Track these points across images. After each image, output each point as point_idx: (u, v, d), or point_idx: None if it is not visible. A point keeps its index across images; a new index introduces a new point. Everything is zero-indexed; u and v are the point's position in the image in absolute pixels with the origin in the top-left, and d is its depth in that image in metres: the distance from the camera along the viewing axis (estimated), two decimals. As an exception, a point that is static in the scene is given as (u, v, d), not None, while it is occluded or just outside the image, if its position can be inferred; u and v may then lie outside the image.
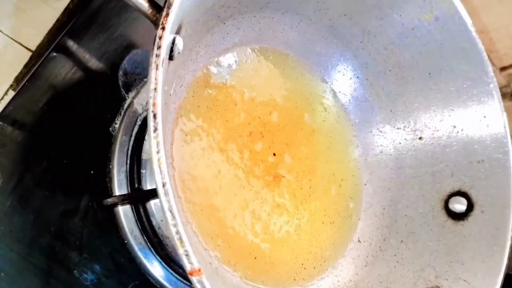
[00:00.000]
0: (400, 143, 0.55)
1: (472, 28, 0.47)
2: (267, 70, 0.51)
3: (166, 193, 0.27)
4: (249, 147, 0.48)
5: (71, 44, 0.50)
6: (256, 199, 0.47)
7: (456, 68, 0.49)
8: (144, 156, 0.50)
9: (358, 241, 0.53)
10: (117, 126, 0.51)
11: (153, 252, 0.47)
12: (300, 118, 0.53)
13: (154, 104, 0.28)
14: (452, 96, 0.50)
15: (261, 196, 0.48)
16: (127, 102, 0.52)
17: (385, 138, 0.56)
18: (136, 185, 0.49)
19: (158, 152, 0.27)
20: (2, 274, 0.42)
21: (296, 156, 0.52)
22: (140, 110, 0.51)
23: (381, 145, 0.56)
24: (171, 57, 0.32)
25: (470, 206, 0.48)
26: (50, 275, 0.45)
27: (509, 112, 0.48)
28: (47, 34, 0.49)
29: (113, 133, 0.50)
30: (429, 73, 0.51)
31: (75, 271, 0.46)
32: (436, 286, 0.46)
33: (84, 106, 0.50)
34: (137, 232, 0.47)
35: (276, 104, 0.51)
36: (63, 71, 0.49)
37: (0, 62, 0.47)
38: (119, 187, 0.48)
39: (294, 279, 0.48)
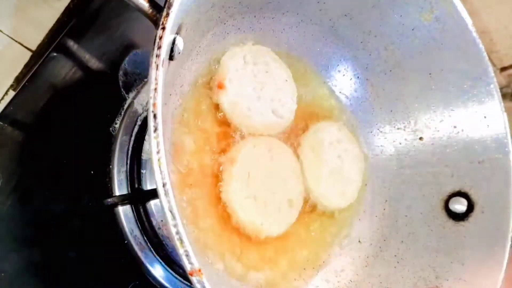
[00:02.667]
0: (400, 144, 0.55)
1: (472, 28, 0.47)
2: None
3: (166, 193, 0.27)
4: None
5: (71, 44, 0.50)
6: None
7: (456, 68, 0.49)
8: (144, 156, 0.50)
9: (359, 241, 0.53)
10: (117, 126, 0.51)
11: (153, 252, 0.47)
12: (300, 118, 0.53)
13: (154, 104, 0.28)
14: (452, 96, 0.50)
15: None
16: (127, 102, 0.52)
17: (386, 138, 0.56)
18: (136, 185, 0.49)
19: (158, 152, 0.27)
20: (2, 274, 0.42)
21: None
22: (140, 110, 0.51)
23: (381, 145, 0.56)
24: (171, 57, 0.32)
25: (471, 207, 0.48)
26: (50, 275, 0.45)
27: (510, 112, 0.48)
28: (47, 34, 0.49)
29: (113, 133, 0.50)
30: (430, 73, 0.51)
31: (75, 271, 0.46)
32: (437, 286, 0.46)
33: (84, 106, 0.50)
34: (137, 232, 0.47)
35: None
36: (63, 71, 0.49)
37: (0, 62, 0.47)
38: (119, 187, 0.48)
39: (295, 279, 0.48)
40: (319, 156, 0.50)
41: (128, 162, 0.49)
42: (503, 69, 0.69)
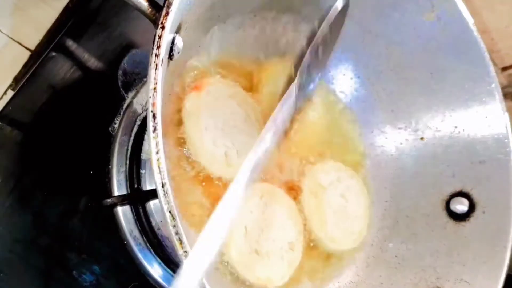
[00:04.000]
0: (401, 144, 0.55)
1: (473, 28, 0.47)
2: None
3: (165, 193, 0.27)
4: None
5: (70, 43, 0.50)
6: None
7: (457, 68, 0.49)
8: (143, 156, 0.50)
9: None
10: (116, 126, 0.50)
11: (153, 252, 0.47)
12: (301, 117, 0.53)
13: (153, 104, 0.28)
14: (453, 96, 0.50)
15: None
16: (127, 102, 0.52)
17: (386, 138, 0.56)
18: (136, 186, 0.49)
19: (157, 152, 0.27)
20: (2, 274, 0.42)
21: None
22: (139, 110, 0.51)
23: (382, 146, 0.56)
24: (170, 57, 0.32)
25: (472, 207, 0.47)
26: (49, 276, 0.45)
27: (511, 112, 0.48)
28: (46, 33, 0.49)
29: (113, 133, 0.50)
30: (431, 73, 0.51)
31: (74, 271, 0.46)
32: (437, 287, 0.46)
33: (83, 106, 0.50)
34: (136, 232, 0.47)
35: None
36: (62, 70, 0.49)
37: (-1, 61, 0.47)
38: (119, 187, 0.48)
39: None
40: (322, 200, 0.48)
41: (128, 162, 0.49)
42: (504, 68, 0.69)
